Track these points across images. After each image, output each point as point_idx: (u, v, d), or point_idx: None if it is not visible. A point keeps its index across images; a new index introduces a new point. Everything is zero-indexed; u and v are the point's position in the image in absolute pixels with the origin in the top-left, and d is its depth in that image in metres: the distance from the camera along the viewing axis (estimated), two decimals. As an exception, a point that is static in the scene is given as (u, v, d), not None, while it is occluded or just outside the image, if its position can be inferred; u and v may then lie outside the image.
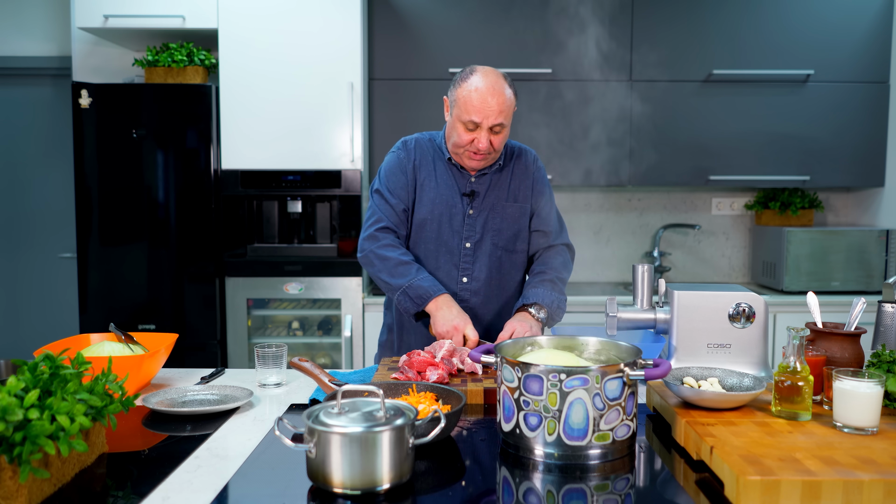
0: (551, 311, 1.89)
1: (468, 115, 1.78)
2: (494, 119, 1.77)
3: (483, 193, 1.93)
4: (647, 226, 3.74)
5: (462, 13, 3.29)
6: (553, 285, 1.92)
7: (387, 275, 1.87)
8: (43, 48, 3.63)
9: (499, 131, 1.81)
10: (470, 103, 1.77)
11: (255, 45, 3.09)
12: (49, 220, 3.78)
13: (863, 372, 1.18)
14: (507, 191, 1.95)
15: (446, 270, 1.94)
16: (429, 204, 1.93)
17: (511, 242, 1.96)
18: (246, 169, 3.11)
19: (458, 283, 1.94)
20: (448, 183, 1.93)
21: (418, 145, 1.97)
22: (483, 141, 1.79)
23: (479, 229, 1.93)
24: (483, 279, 1.94)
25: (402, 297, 1.85)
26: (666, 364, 1.19)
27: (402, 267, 1.87)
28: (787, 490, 0.96)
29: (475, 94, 1.76)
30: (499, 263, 1.96)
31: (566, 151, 3.30)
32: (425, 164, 1.95)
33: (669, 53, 3.32)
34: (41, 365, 1.08)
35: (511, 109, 1.82)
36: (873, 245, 3.26)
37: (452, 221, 1.92)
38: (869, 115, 3.36)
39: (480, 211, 1.93)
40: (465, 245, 1.93)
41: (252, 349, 3.17)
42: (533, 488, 1.08)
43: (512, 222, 1.95)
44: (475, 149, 1.81)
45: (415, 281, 1.84)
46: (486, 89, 1.76)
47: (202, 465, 1.15)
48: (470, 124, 1.79)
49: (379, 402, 1.11)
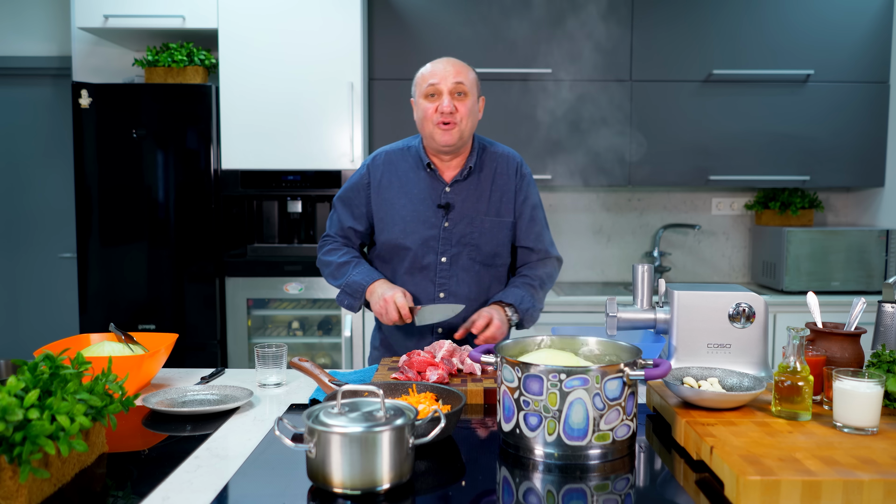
0: (524, 317, 1.87)
1: (426, 81, 1.81)
2: (453, 78, 1.79)
3: (459, 205, 1.87)
4: (647, 226, 3.74)
5: (462, 13, 3.29)
6: (533, 291, 1.90)
7: (330, 278, 1.94)
8: (43, 48, 3.63)
9: (462, 94, 1.80)
10: (427, 73, 1.82)
11: (255, 45, 3.09)
12: (49, 220, 3.78)
13: (863, 372, 1.18)
14: (486, 203, 1.88)
15: (422, 286, 1.88)
16: (400, 222, 1.87)
17: (490, 257, 1.90)
18: (246, 169, 3.11)
19: (435, 298, 1.88)
20: (421, 196, 1.88)
21: (388, 161, 1.93)
22: (446, 104, 1.78)
23: (455, 243, 1.87)
24: (461, 295, 1.88)
25: (342, 297, 1.89)
26: (666, 364, 1.19)
27: (341, 268, 1.90)
28: (787, 490, 0.96)
29: (430, 66, 1.83)
30: (478, 278, 1.89)
31: (566, 151, 3.30)
32: (395, 181, 1.90)
33: (669, 53, 3.32)
34: (41, 365, 1.08)
35: (472, 80, 1.84)
36: (873, 245, 3.26)
37: (427, 236, 1.86)
38: (869, 115, 3.36)
39: (456, 224, 1.87)
40: (440, 260, 1.87)
41: (252, 349, 3.17)
42: (533, 488, 1.08)
43: (491, 237, 1.89)
44: (440, 116, 1.79)
45: (350, 277, 1.86)
46: (439, 60, 1.83)
47: (202, 465, 1.15)
48: (430, 89, 1.80)
49: (379, 402, 1.11)
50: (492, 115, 3.32)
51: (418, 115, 1.85)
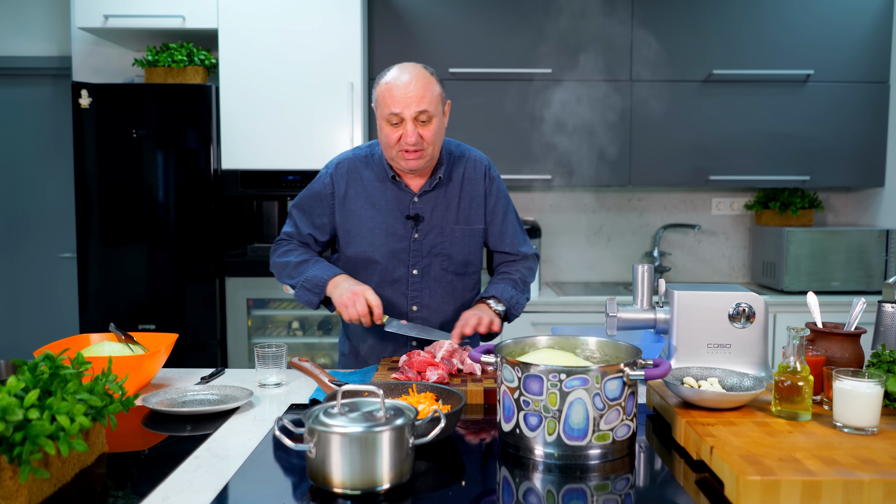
0: (509, 305, 1.85)
1: (388, 108, 1.66)
2: (416, 106, 1.65)
3: (428, 215, 1.81)
4: (647, 226, 3.74)
5: (462, 13, 3.29)
6: (515, 284, 1.89)
7: (287, 278, 1.85)
8: (43, 48, 3.63)
9: (426, 121, 1.67)
10: (388, 95, 1.67)
11: (255, 45, 3.09)
12: (49, 220, 3.78)
13: (863, 372, 1.18)
14: (455, 212, 1.83)
15: (394, 300, 1.83)
16: (368, 235, 1.81)
17: (462, 266, 1.86)
18: (246, 169, 3.11)
19: (408, 311, 1.84)
20: (389, 207, 1.81)
21: (352, 169, 1.84)
22: (410, 134, 1.66)
23: (425, 254, 1.82)
24: (433, 305, 1.84)
25: (301, 293, 1.80)
26: (666, 364, 1.19)
27: (299, 266, 1.83)
28: (787, 490, 0.96)
29: (392, 84, 1.67)
30: (451, 288, 1.86)
31: (566, 151, 3.30)
32: (360, 191, 1.82)
33: (669, 53, 3.32)
34: (41, 365, 1.08)
35: (437, 98, 1.69)
36: (873, 245, 3.26)
37: (396, 248, 1.81)
38: (869, 115, 3.36)
39: (427, 234, 1.81)
40: (412, 272, 1.82)
41: (252, 349, 3.17)
42: (533, 488, 1.08)
43: (462, 246, 1.84)
44: (405, 145, 1.68)
45: (309, 273, 1.79)
46: (402, 77, 1.66)
47: (202, 465, 1.15)
48: (393, 118, 1.67)
49: (379, 402, 1.11)
50: (492, 115, 3.32)
51: (381, 138, 1.74)
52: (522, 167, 3.31)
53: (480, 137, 3.29)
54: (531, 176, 3.32)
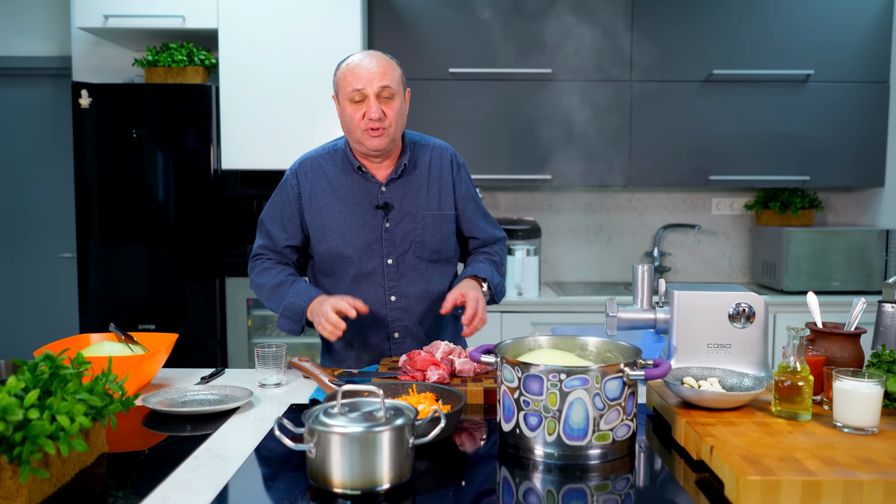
0: (495, 292, 1.86)
1: (350, 86, 1.70)
2: (379, 82, 1.69)
3: (398, 203, 1.82)
4: (647, 226, 3.74)
5: (462, 13, 3.29)
6: (497, 267, 1.90)
7: (268, 302, 1.82)
8: (43, 48, 3.63)
9: (389, 97, 1.71)
10: (350, 74, 1.71)
11: (255, 45, 3.09)
12: (49, 220, 3.78)
13: (863, 372, 1.18)
14: (425, 198, 1.83)
15: (371, 292, 1.82)
16: (339, 229, 1.80)
17: (435, 253, 1.85)
18: (246, 169, 3.11)
19: (387, 303, 1.82)
20: (357, 199, 1.81)
21: (314, 167, 1.84)
22: (373, 108, 1.69)
23: (399, 243, 1.82)
24: (412, 294, 1.83)
25: (282, 322, 1.78)
26: (666, 364, 1.19)
27: (276, 290, 1.80)
28: (787, 490, 0.96)
29: (354, 65, 1.72)
30: (427, 276, 1.85)
31: (566, 151, 3.30)
32: (326, 187, 1.82)
33: (669, 53, 3.32)
34: (41, 365, 1.08)
35: (398, 79, 1.74)
36: (873, 245, 3.26)
37: (369, 240, 1.80)
38: (869, 115, 3.36)
39: (398, 223, 1.81)
40: (386, 262, 1.82)
41: (252, 349, 3.17)
42: (533, 488, 1.08)
43: (435, 232, 1.84)
44: (368, 122, 1.70)
45: (286, 300, 1.76)
46: (364, 59, 1.72)
47: (202, 465, 1.15)
48: (356, 95, 1.70)
49: (379, 402, 1.11)
50: (492, 115, 3.32)
51: (344, 120, 1.76)
52: (522, 167, 3.31)
53: (480, 137, 3.30)
54: (531, 176, 3.31)
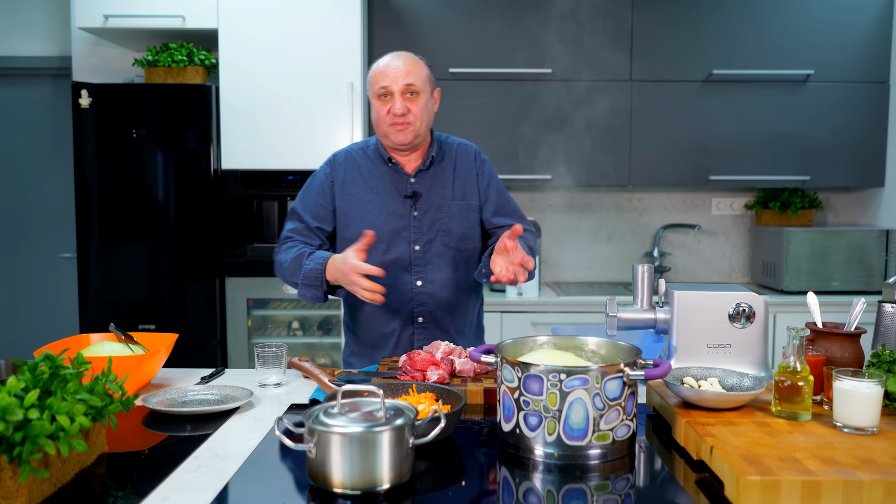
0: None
1: (378, 84, 1.82)
2: (404, 79, 1.80)
3: (426, 193, 1.90)
4: (647, 226, 3.74)
5: (462, 13, 3.29)
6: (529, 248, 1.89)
7: (290, 276, 1.85)
8: (43, 48, 3.63)
9: (414, 94, 1.82)
10: (379, 74, 1.83)
11: (255, 45, 3.09)
12: (49, 220, 3.78)
13: (863, 372, 1.18)
14: (451, 189, 1.92)
15: (398, 277, 1.88)
16: (368, 216, 1.88)
17: (462, 241, 1.92)
18: (246, 169, 3.11)
19: (413, 287, 1.89)
20: (387, 189, 1.90)
21: (348, 159, 1.94)
22: (398, 104, 1.80)
23: (426, 230, 1.89)
24: (438, 281, 1.90)
25: (304, 291, 1.81)
26: (666, 364, 1.19)
27: (295, 263, 1.83)
28: (787, 490, 0.96)
29: (384, 65, 1.83)
30: (453, 263, 1.91)
31: (566, 151, 3.30)
32: (356, 179, 1.91)
33: (669, 53, 3.32)
34: (41, 365, 1.08)
35: (424, 78, 1.84)
36: (873, 245, 3.26)
37: (397, 227, 1.88)
38: (869, 115, 3.36)
39: (426, 212, 1.89)
40: (414, 248, 1.89)
41: (252, 349, 3.17)
42: (533, 488, 1.08)
43: (461, 220, 1.91)
44: (393, 118, 1.81)
45: (304, 269, 1.80)
46: (393, 60, 1.83)
47: (202, 465, 1.15)
48: (382, 91, 1.81)
49: (379, 402, 1.11)
50: (492, 115, 3.32)
51: (373, 115, 1.87)
52: (522, 167, 3.31)
53: (480, 137, 3.29)
54: (531, 176, 3.31)
